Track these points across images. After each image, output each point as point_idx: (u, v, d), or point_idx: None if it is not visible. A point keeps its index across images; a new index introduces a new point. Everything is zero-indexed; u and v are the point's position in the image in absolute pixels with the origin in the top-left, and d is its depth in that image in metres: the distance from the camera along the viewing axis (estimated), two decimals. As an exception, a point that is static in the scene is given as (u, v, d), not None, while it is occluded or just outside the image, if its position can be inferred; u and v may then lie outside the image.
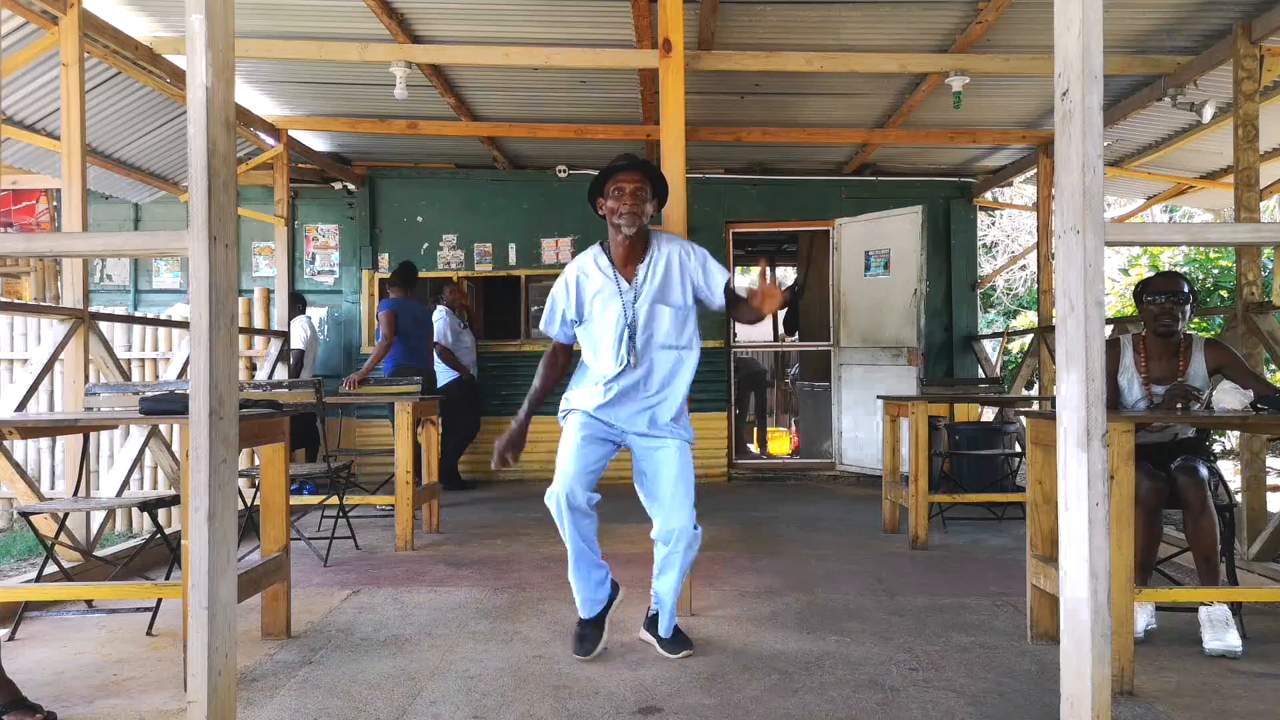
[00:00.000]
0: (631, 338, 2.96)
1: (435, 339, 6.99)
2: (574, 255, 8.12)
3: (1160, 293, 3.37)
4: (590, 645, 3.04)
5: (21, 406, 4.04)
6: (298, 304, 7.19)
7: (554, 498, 2.93)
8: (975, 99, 6.14)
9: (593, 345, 3.06)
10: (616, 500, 3.73)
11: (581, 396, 3.08)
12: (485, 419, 7.63)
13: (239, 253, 2.11)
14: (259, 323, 7.14)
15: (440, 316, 7.13)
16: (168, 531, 3.80)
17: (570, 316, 3.07)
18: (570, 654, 3.05)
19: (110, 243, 2.96)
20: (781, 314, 10.14)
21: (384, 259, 8.18)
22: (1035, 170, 7.55)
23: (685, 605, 3.46)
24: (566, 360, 3.21)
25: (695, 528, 2.97)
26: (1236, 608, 3.15)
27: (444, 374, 7.07)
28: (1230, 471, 7.67)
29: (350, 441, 7.85)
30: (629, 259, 3.01)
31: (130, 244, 3.26)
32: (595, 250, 3.09)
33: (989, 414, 8.32)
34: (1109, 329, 6.04)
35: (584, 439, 2.99)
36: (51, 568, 3.55)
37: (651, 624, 3.14)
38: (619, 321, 2.97)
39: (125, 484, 4.72)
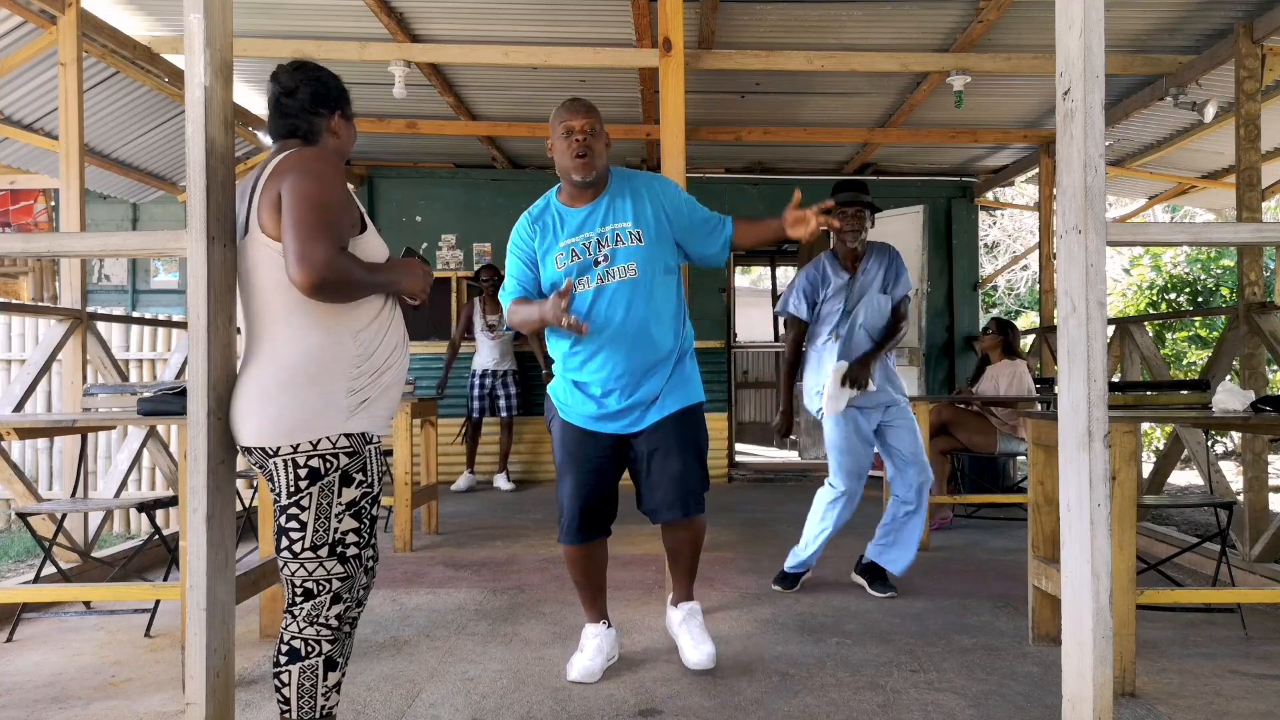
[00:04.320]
0: (850, 321, 3.80)
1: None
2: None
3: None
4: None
5: (19, 407, 4.03)
6: None
7: (839, 495, 3.95)
8: (977, 98, 6.12)
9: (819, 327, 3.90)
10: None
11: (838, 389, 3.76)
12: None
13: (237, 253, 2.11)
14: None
15: None
16: (166, 533, 3.79)
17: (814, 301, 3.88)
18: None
19: (108, 243, 2.94)
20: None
21: (383, 259, 8.17)
22: (1037, 170, 7.53)
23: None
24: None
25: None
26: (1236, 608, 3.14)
27: None
28: (1233, 472, 7.68)
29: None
30: (851, 260, 3.84)
31: (128, 244, 3.25)
32: (828, 256, 3.89)
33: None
34: (1110, 329, 6.03)
35: (850, 435, 3.86)
36: (49, 569, 3.55)
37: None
38: (842, 308, 3.83)
39: (123, 485, 4.71)
